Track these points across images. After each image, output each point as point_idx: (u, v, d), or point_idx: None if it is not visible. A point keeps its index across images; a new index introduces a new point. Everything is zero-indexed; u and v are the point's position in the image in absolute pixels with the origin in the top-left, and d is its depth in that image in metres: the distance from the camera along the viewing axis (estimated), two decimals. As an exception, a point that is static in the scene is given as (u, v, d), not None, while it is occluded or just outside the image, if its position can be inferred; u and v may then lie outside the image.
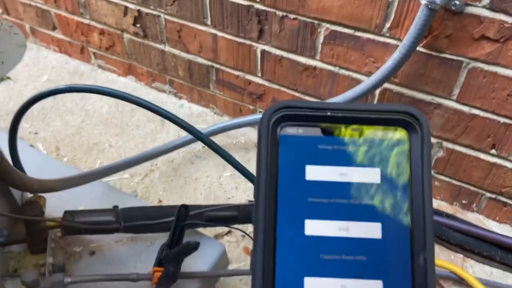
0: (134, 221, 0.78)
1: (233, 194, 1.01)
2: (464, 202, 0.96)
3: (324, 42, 0.89)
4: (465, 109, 0.82)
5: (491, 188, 0.90)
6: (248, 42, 0.99)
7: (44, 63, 1.37)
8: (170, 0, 1.03)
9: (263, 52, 0.99)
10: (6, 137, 0.78)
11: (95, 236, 0.83)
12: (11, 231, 0.77)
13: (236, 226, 0.80)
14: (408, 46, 0.75)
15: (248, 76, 1.07)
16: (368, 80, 0.83)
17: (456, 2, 0.71)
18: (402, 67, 0.79)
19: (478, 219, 0.94)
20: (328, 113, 0.25)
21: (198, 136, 0.75)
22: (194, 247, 0.70)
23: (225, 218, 0.80)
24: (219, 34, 1.02)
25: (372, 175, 0.25)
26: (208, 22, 1.01)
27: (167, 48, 1.14)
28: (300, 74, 0.98)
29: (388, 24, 0.80)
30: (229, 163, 0.75)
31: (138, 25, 1.13)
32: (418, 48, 0.79)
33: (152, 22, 1.10)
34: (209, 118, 1.20)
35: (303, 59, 0.95)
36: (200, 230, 0.87)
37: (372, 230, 0.24)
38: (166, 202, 0.99)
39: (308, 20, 0.87)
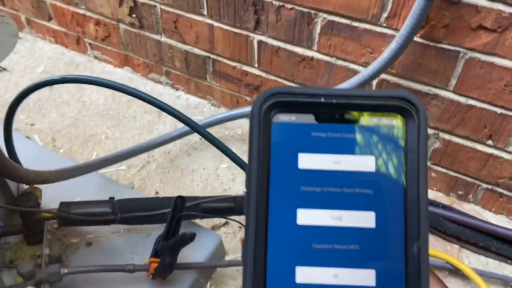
0: (131, 212, 0.78)
1: (230, 186, 1.01)
2: (460, 193, 0.96)
3: (321, 32, 0.88)
4: (462, 99, 0.82)
5: (487, 179, 0.90)
6: (244, 32, 0.99)
7: (40, 54, 1.36)
8: (166, -10, 1.02)
9: (259, 42, 0.98)
10: (1, 128, 0.78)
11: (92, 228, 0.83)
12: (7, 222, 0.78)
13: (232, 217, 0.80)
14: (405, 36, 0.74)
15: (245, 67, 1.06)
16: (365, 71, 0.82)
17: (454, -8, 0.70)
18: (399, 57, 0.78)
19: (474, 210, 0.95)
20: (322, 99, 0.24)
21: (195, 128, 0.74)
22: (190, 238, 0.70)
23: (221, 210, 0.80)
24: (216, 24, 1.01)
25: (366, 163, 0.24)
26: (205, 12, 1.00)
27: (163, 38, 1.13)
28: (297, 65, 0.97)
29: (385, 14, 0.79)
30: (226, 154, 0.75)
31: (134, 15, 1.12)
32: (415, 39, 0.79)
33: (148, 12, 1.10)
34: (206, 110, 1.19)
35: (300, 50, 0.94)
36: (197, 221, 0.87)
37: (365, 219, 0.24)
38: (163, 194, 0.99)
39: (305, 10, 0.87)
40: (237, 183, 1.02)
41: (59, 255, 0.73)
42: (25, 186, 0.82)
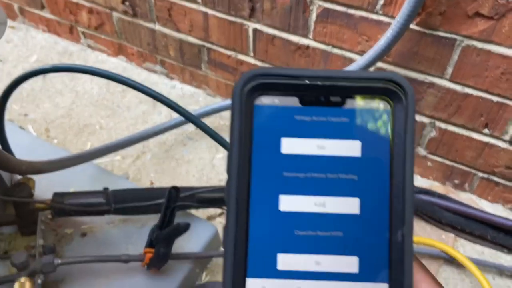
0: (125, 203, 0.78)
1: (225, 176, 1.01)
2: (456, 182, 0.96)
3: (316, 20, 0.87)
4: (458, 88, 0.81)
5: (483, 168, 0.90)
6: (239, 20, 0.97)
7: (33, 44, 1.35)
8: (160, -22, 1.00)
9: (255, 31, 0.97)
10: (-8, 118, 0.77)
11: (86, 218, 0.82)
12: (1, 213, 0.77)
13: (227, 207, 0.80)
14: (401, 24, 0.73)
15: (240, 56, 1.05)
16: (361, 59, 0.81)
17: (451, -22, 0.69)
18: (395, 45, 0.77)
19: (470, 199, 0.95)
20: (306, 81, 0.24)
21: (190, 119, 0.73)
22: (185, 228, 0.70)
23: (216, 200, 0.80)
24: (210, 12, 1.00)
25: (352, 148, 0.24)
26: (199, 0, 0.99)
27: (157, 27, 1.11)
28: (292, 54, 0.96)
29: (381, 1, 0.78)
30: (221, 145, 0.74)
31: (127, 3, 1.11)
32: (412, 26, 0.78)
33: (141, 0, 1.08)
34: (201, 99, 1.19)
35: (295, 38, 0.93)
36: (193, 212, 0.86)
37: (349, 206, 0.23)
38: (158, 184, 0.98)
39: (300, -3, 0.86)
40: (232, 173, 1.01)
41: (53, 245, 0.73)
42: (18, 177, 0.81)
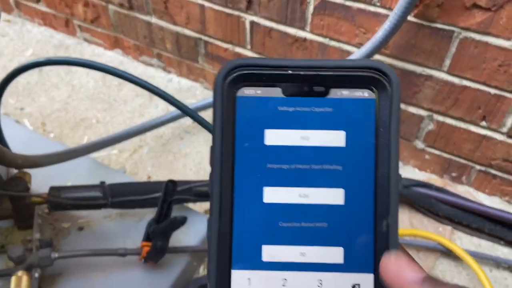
0: (122, 196, 0.78)
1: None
2: (454, 175, 0.96)
3: (314, 12, 0.87)
4: (456, 80, 0.81)
5: (481, 161, 0.89)
6: (236, 13, 0.97)
7: (29, 37, 1.34)
8: (155, -30, 0.99)
9: (252, 23, 0.96)
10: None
11: (84, 212, 0.82)
12: (-3, 207, 0.77)
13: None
14: (398, 16, 0.73)
15: (237, 49, 1.04)
16: (358, 52, 0.81)
17: (449, -31, 0.68)
18: (392, 37, 0.77)
19: (468, 192, 0.95)
20: (289, 71, 0.23)
21: (187, 112, 0.73)
22: (182, 222, 0.70)
23: (213, 193, 0.80)
24: (207, 4, 0.99)
25: (336, 139, 0.23)
26: (195, -7, 0.98)
27: (153, 20, 1.11)
28: (290, 46, 0.95)
29: (379, -7, 0.78)
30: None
31: (123, -4, 1.10)
32: (409, 18, 0.77)
33: (138, -7, 1.07)
34: (198, 93, 1.18)
35: (292, 31, 0.92)
36: (190, 205, 0.86)
37: (334, 196, 0.23)
38: (155, 178, 0.98)
39: (297, -11, 0.85)
40: (230, 167, 1.01)
41: (50, 239, 0.72)
42: (14, 171, 0.81)
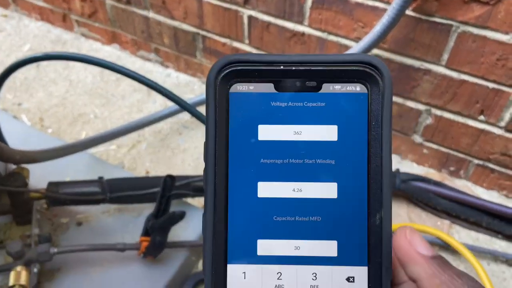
0: (120, 191, 0.78)
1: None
2: (452, 169, 0.96)
3: (312, 6, 0.86)
4: (454, 74, 0.81)
5: (479, 155, 0.90)
6: (234, 7, 0.96)
7: (26, 32, 1.33)
8: (153, -36, 0.99)
9: (250, 18, 0.96)
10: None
11: (82, 208, 0.82)
12: (-5, 203, 0.77)
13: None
14: (397, 10, 0.73)
15: (235, 44, 1.04)
16: (356, 46, 0.81)
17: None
18: (391, 32, 0.77)
19: (466, 186, 0.95)
20: (281, 67, 0.23)
21: (185, 107, 0.73)
22: (180, 217, 0.70)
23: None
24: (204, -1, 0.99)
25: (329, 133, 0.24)
26: (193, -13, 0.98)
27: (151, 14, 1.10)
28: (288, 41, 0.95)
29: (377, -13, 0.77)
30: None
31: (121, -10, 1.09)
32: (407, 12, 0.77)
33: (135, -12, 1.07)
34: (196, 88, 1.18)
35: (291, 25, 0.92)
36: (189, 200, 0.86)
37: (327, 190, 0.24)
38: (154, 174, 0.98)
39: (295, -17, 0.85)
40: (228, 162, 1.01)
41: (49, 234, 0.72)
42: (13, 167, 0.81)
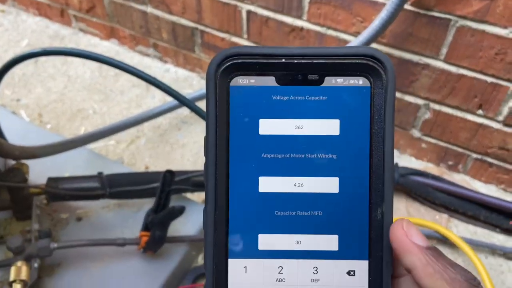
0: (120, 187, 0.78)
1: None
2: (450, 163, 0.96)
3: (311, 1, 0.86)
4: (452, 69, 0.81)
5: (477, 149, 0.90)
6: (233, 2, 0.96)
7: (24, 28, 1.33)
8: (151, -42, 0.98)
9: (248, 12, 0.96)
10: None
11: (82, 203, 0.82)
12: (-5, 198, 0.77)
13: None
14: (395, 4, 0.72)
15: (234, 39, 1.04)
16: (355, 41, 0.81)
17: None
18: (389, 26, 0.76)
19: (464, 180, 0.95)
20: (283, 60, 0.23)
21: (184, 102, 0.73)
22: (180, 212, 0.70)
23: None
24: (203, -6, 0.98)
25: (330, 127, 0.23)
26: (191, -18, 0.98)
27: (149, 9, 1.10)
28: (287, 36, 0.95)
29: (376, -19, 0.77)
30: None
31: (119, -15, 1.09)
32: (406, 7, 0.77)
33: (133, -18, 1.06)
34: (195, 83, 1.18)
35: (289, 20, 0.92)
36: (189, 195, 0.87)
37: (329, 185, 0.23)
38: (153, 169, 0.98)
39: (294, -22, 0.84)
40: (227, 157, 1.01)
41: (49, 230, 0.73)
42: (12, 162, 0.81)
